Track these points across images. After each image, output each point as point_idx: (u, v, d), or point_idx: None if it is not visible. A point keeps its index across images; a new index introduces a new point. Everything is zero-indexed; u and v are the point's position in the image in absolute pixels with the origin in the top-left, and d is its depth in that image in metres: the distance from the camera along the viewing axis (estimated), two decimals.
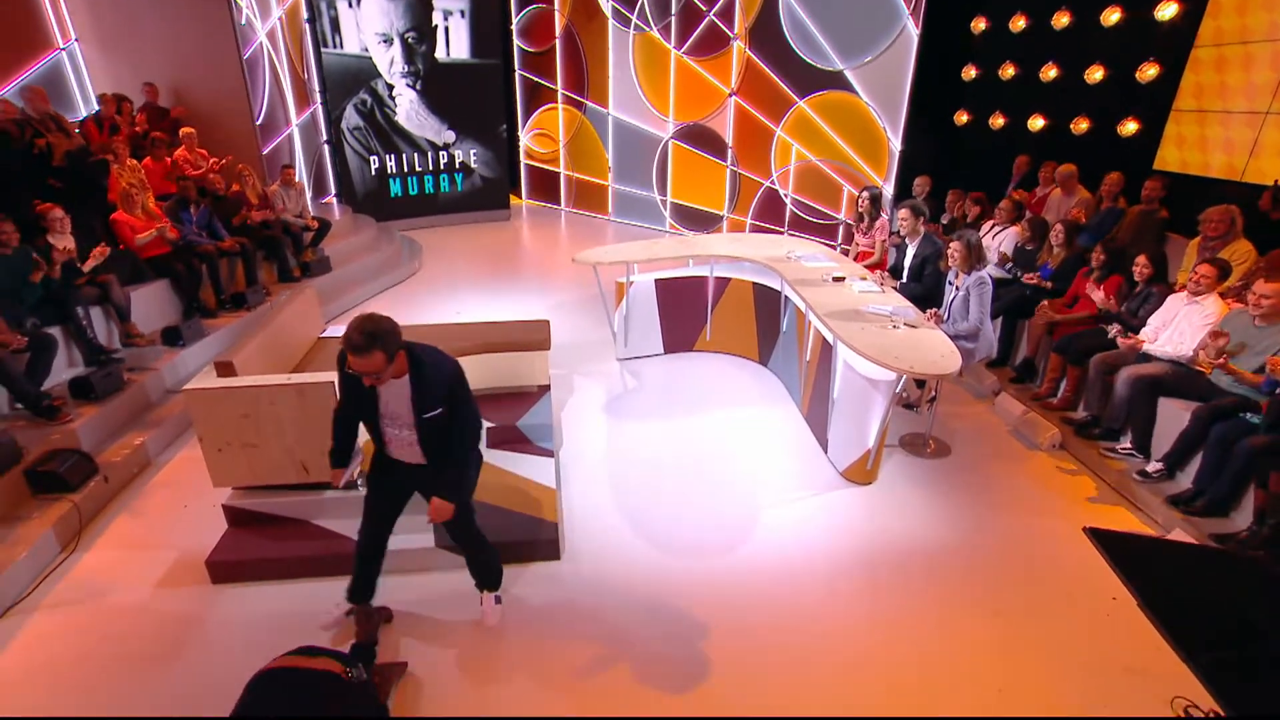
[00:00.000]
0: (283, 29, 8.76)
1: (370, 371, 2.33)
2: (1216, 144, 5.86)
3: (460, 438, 2.66)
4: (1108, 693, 2.75)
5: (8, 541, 3.36)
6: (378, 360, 2.30)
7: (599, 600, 3.21)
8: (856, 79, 7.85)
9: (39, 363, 4.30)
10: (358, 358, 2.29)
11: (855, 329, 3.85)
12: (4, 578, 3.17)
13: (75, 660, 2.91)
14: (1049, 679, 2.81)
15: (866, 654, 2.93)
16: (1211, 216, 4.56)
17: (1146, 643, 2.99)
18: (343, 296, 7.16)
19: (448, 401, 2.56)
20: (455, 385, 2.57)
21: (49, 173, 5.25)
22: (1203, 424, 3.74)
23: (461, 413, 2.62)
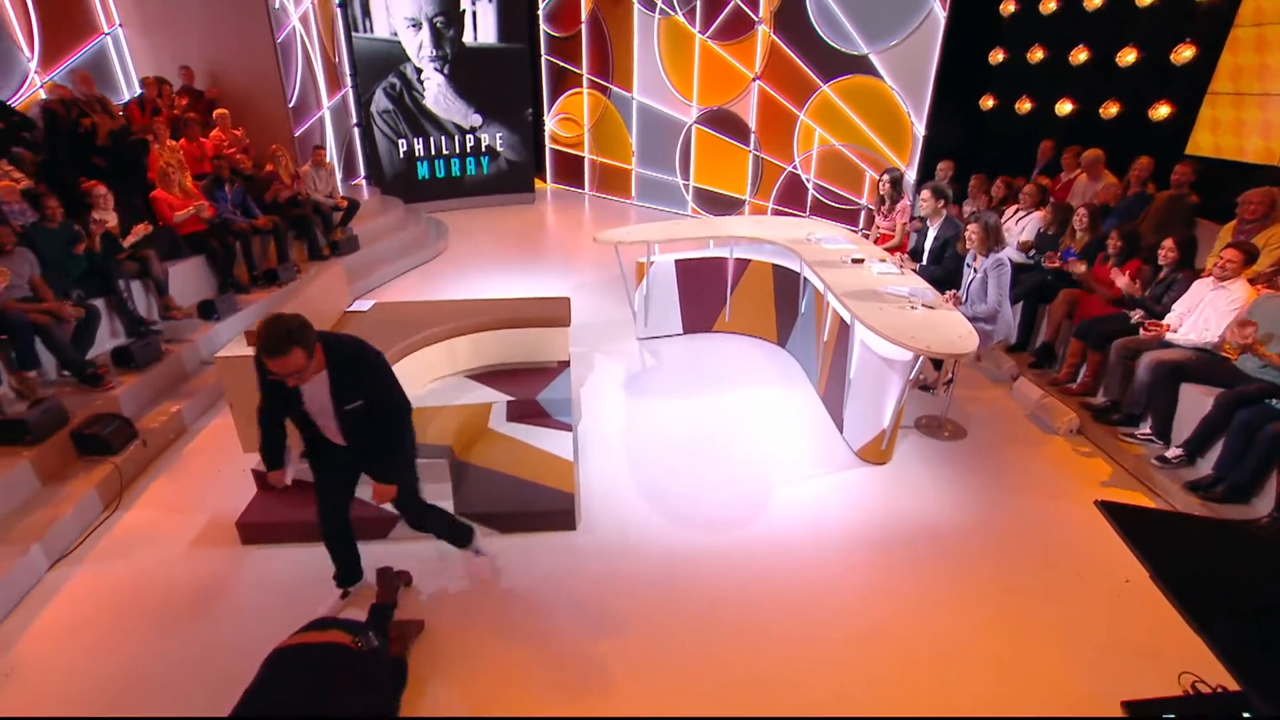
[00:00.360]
0: (315, 13, 8.81)
1: (292, 372, 2.23)
2: (1253, 127, 5.63)
3: (383, 424, 2.58)
4: (1118, 674, 2.71)
5: (56, 498, 3.50)
6: (298, 359, 2.21)
7: (612, 570, 3.24)
8: (881, 63, 7.68)
9: (84, 333, 4.44)
10: (277, 360, 2.18)
11: (873, 309, 3.79)
12: (53, 532, 3.30)
13: (115, 611, 3.02)
14: (1059, 658, 2.78)
15: (877, 628, 2.92)
16: (1251, 199, 4.39)
17: (1158, 626, 2.94)
18: (370, 275, 7.25)
19: (368, 392, 2.50)
20: (376, 375, 2.51)
21: (93, 151, 5.38)
22: (1226, 410, 3.63)
23: (382, 400, 2.55)
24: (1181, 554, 1.69)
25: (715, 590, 3.11)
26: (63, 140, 5.41)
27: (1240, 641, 1.43)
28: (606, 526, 3.53)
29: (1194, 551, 1.75)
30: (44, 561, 3.23)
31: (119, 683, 2.67)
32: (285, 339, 2.17)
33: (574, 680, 2.66)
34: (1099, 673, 2.71)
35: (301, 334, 2.22)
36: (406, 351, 4.07)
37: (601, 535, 3.47)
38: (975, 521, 3.60)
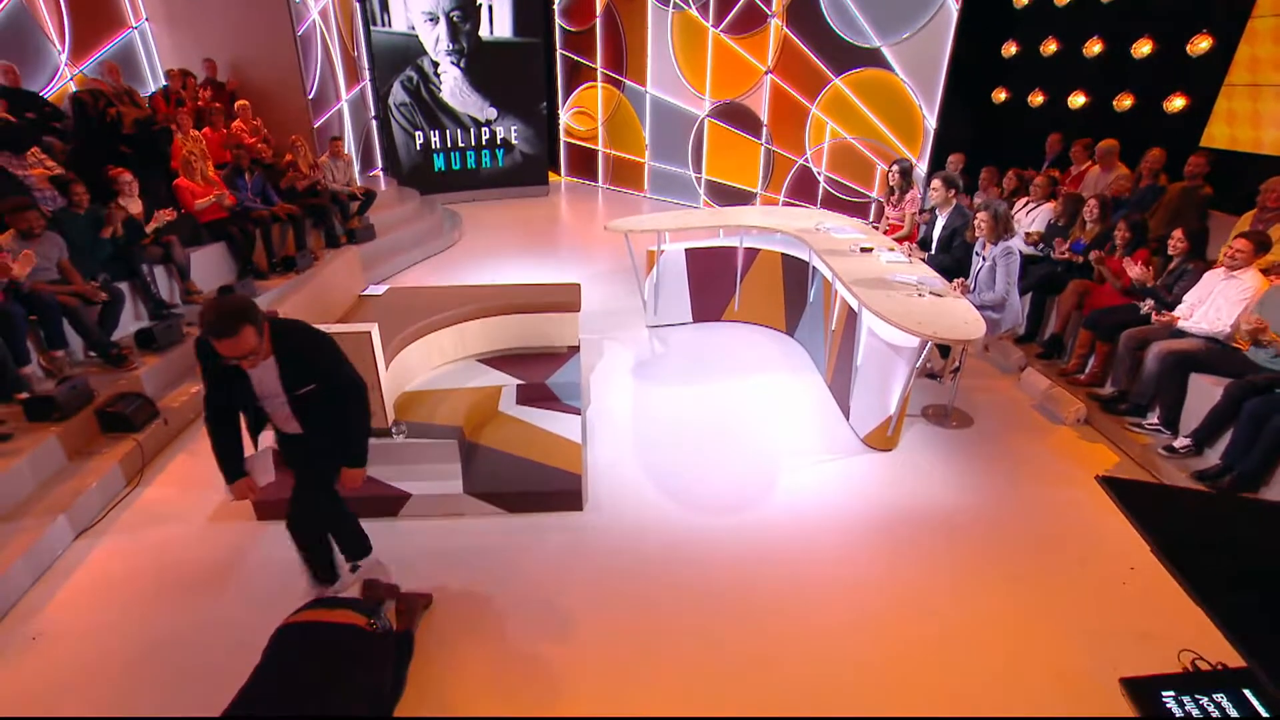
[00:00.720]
0: (335, 7, 8.86)
1: (245, 353, 2.09)
2: (1271, 119, 5.50)
3: (342, 405, 2.46)
4: (1118, 657, 2.68)
5: (81, 472, 3.56)
6: (249, 338, 2.07)
7: (618, 549, 3.24)
8: (893, 56, 7.58)
9: (109, 315, 4.51)
10: (228, 342, 2.04)
11: (880, 296, 3.76)
12: (78, 504, 3.36)
13: (136, 581, 3.07)
14: (1061, 642, 2.75)
15: (882, 611, 2.90)
16: (1274, 186, 4.30)
17: (1162, 609, 2.90)
18: (386, 263, 7.30)
19: (321, 374, 2.38)
20: (326, 356, 2.40)
21: (119, 140, 5.44)
22: (1235, 399, 3.56)
23: (337, 380, 2.42)
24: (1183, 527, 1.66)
25: (720, 571, 3.11)
26: (91, 129, 5.48)
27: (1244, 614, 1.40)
28: (613, 507, 3.53)
29: (1196, 524, 1.72)
30: (70, 532, 3.29)
31: (138, 648, 2.72)
32: (236, 317, 2.05)
33: (578, 657, 2.67)
34: (1100, 654, 2.68)
35: (251, 312, 2.11)
36: (419, 334, 4.09)
37: (608, 515, 3.47)
38: (980, 508, 3.56)
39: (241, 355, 2.10)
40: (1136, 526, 1.66)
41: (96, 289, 4.38)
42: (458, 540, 3.29)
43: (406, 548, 3.25)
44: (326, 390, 2.40)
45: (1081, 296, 4.78)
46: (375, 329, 3.32)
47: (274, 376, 2.33)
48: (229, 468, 2.51)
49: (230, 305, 2.09)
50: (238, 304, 2.11)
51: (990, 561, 3.19)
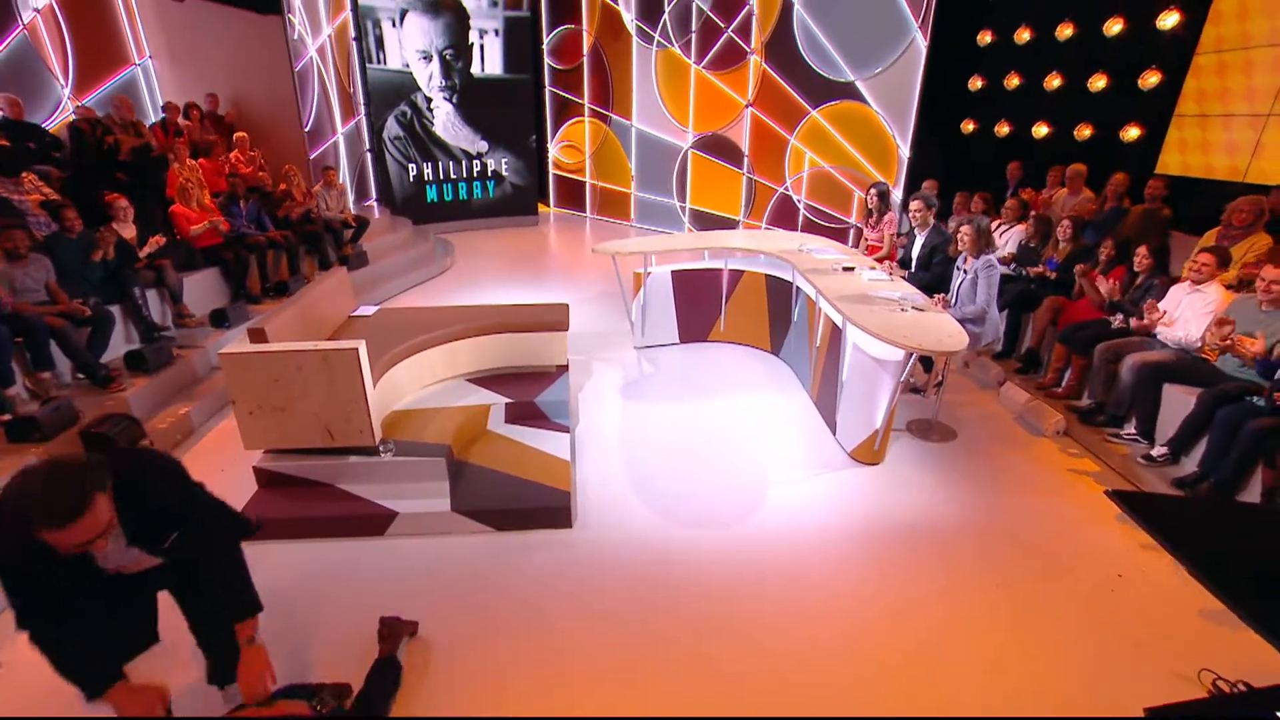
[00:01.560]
0: (332, 45, 8.87)
1: (96, 534, 1.50)
2: (1219, 147, 5.61)
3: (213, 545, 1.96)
4: (1118, 666, 2.56)
5: None
6: (102, 511, 1.50)
7: (608, 566, 3.10)
8: (867, 89, 7.69)
9: (99, 337, 4.35)
10: (75, 526, 1.44)
11: (864, 311, 3.70)
12: None
13: None
14: (1054, 653, 2.63)
15: (872, 624, 2.78)
16: (1241, 206, 4.33)
17: (1152, 616, 2.80)
18: (378, 288, 7.16)
19: (181, 515, 1.82)
20: (181, 491, 1.88)
21: (116, 167, 5.33)
22: (1208, 408, 3.52)
23: (202, 516, 1.93)
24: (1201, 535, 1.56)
25: (709, 587, 2.97)
26: (88, 156, 5.37)
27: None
28: (602, 524, 3.39)
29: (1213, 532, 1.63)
30: None
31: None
32: (81, 486, 1.45)
33: (571, 676, 2.51)
34: (1096, 664, 2.57)
35: (95, 472, 1.51)
36: (408, 353, 3.97)
37: (597, 532, 3.33)
38: (967, 519, 3.46)
39: (93, 537, 1.48)
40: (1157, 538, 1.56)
41: (81, 305, 4.21)
42: (446, 559, 3.13)
43: (393, 567, 3.09)
44: (191, 530, 1.85)
45: (1056, 312, 4.77)
46: (362, 346, 3.20)
47: (124, 547, 1.70)
48: (95, 683, 1.72)
49: (69, 473, 1.46)
50: (76, 468, 1.48)
51: (980, 572, 3.08)
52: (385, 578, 3.04)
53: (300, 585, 2.94)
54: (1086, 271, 4.60)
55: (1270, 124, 5.19)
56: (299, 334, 3.57)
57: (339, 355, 3.14)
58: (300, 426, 3.29)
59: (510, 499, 3.37)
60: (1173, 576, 3.04)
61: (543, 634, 2.70)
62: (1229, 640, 2.69)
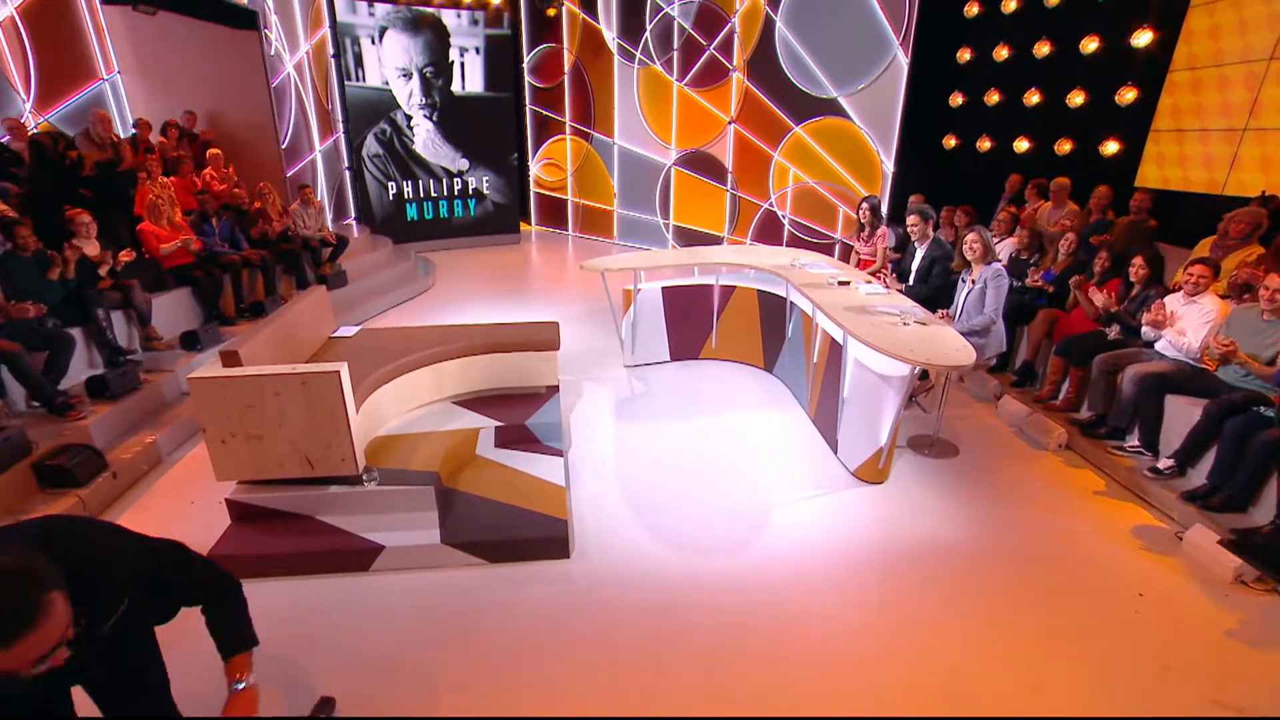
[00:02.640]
0: (310, 62, 8.67)
1: (56, 643, 1.23)
2: (1196, 160, 5.68)
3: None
4: (1149, 691, 2.43)
5: None
6: (60, 616, 1.22)
7: (609, 599, 2.90)
8: (850, 105, 7.71)
9: (56, 361, 4.06)
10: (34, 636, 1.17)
11: (866, 324, 3.59)
12: None
13: None
14: (1081, 677, 2.50)
15: (889, 651, 2.62)
16: (1240, 217, 4.34)
17: (1176, 639, 2.69)
18: (358, 308, 6.92)
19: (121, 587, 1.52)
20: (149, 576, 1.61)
21: (79, 182, 5.05)
22: (1215, 420, 3.45)
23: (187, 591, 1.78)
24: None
25: (718, 618, 2.78)
26: (49, 172, 5.08)
27: None
28: (601, 553, 3.19)
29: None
30: None
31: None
32: (33, 593, 1.19)
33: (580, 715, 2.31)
34: (1127, 692, 2.43)
35: (48, 576, 1.22)
36: (393, 375, 3.76)
37: (596, 563, 3.13)
38: (980, 539, 3.33)
39: (54, 645, 1.22)
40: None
41: (27, 308, 3.92)
42: (436, 595, 2.90)
43: (380, 605, 2.85)
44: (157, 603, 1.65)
45: (1051, 324, 4.72)
46: (344, 369, 2.99)
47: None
48: None
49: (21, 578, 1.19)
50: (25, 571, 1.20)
51: (999, 595, 2.94)
52: (372, 617, 2.80)
53: (283, 627, 2.69)
54: (1081, 284, 4.57)
55: (1246, 138, 5.25)
56: (275, 356, 3.34)
57: (319, 379, 2.92)
58: (277, 455, 3.05)
59: (503, 529, 3.16)
60: (1193, 596, 2.94)
61: (543, 673, 2.49)
62: (1258, 661, 2.58)
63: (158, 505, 3.61)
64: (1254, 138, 5.20)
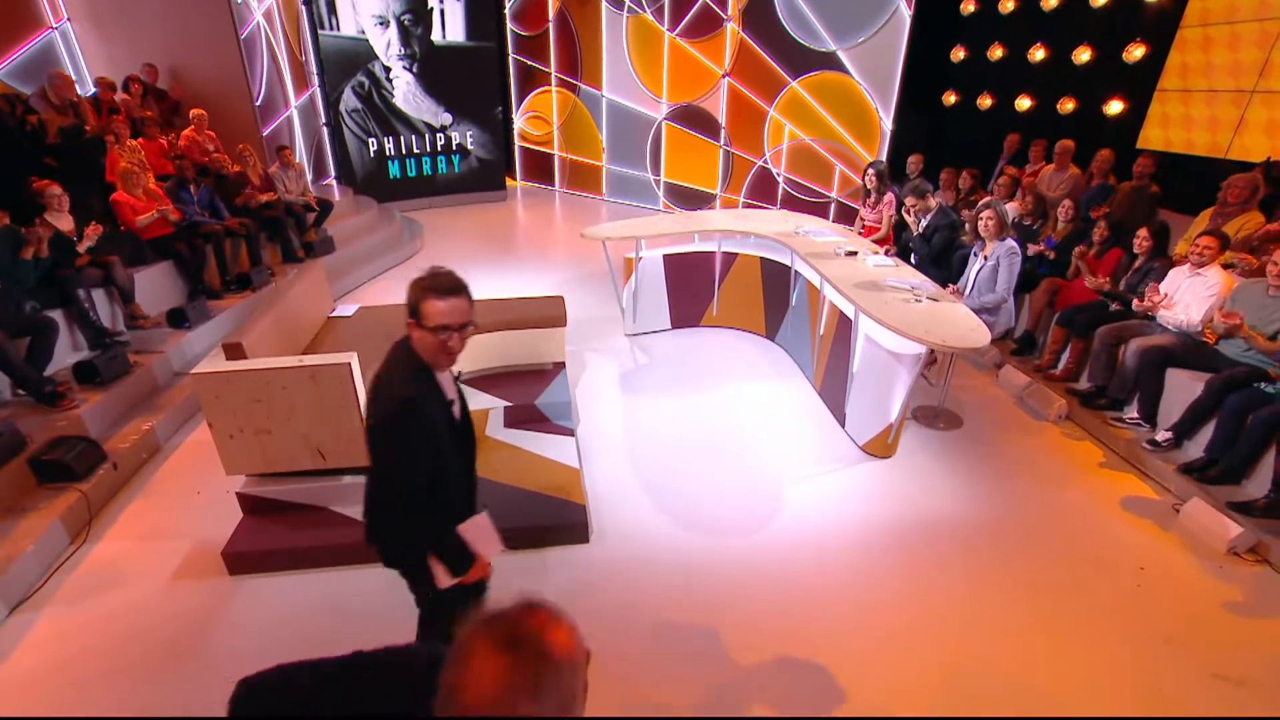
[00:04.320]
0: (279, 10, 8.08)
1: (466, 319, 1.60)
2: (1201, 122, 5.60)
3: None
4: (1153, 666, 2.53)
5: (14, 534, 2.98)
6: (469, 307, 1.62)
7: (633, 583, 2.92)
8: (849, 59, 7.43)
9: (40, 347, 3.86)
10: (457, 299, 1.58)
11: (879, 302, 3.54)
12: (11, 573, 2.80)
13: (89, 659, 2.56)
14: (1094, 652, 2.59)
15: (910, 628, 2.68)
16: (1236, 183, 4.31)
17: (1179, 613, 2.79)
18: (346, 276, 6.69)
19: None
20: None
21: (43, 151, 4.71)
22: (1216, 394, 3.50)
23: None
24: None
25: (741, 599, 2.82)
26: (8, 140, 4.71)
27: None
28: (620, 537, 3.20)
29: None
30: (1, 608, 2.73)
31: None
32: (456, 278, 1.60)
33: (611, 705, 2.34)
34: (1133, 668, 2.53)
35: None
36: None
37: (616, 546, 3.14)
38: (987, 513, 3.40)
39: (465, 322, 1.60)
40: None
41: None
42: None
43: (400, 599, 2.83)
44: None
45: (1053, 294, 4.71)
46: (355, 360, 2.88)
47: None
48: (460, 559, 1.75)
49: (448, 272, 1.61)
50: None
51: (1009, 570, 3.01)
52: (393, 610, 2.78)
53: (300, 624, 2.68)
54: (1084, 254, 4.55)
55: (1255, 100, 5.17)
56: (278, 344, 3.21)
57: (329, 371, 2.82)
58: (287, 448, 2.97)
59: (522, 515, 3.14)
60: (1190, 568, 3.04)
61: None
62: (1254, 633, 2.69)
63: (163, 497, 3.52)
64: (1262, 100, 5.11)
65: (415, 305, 1.60)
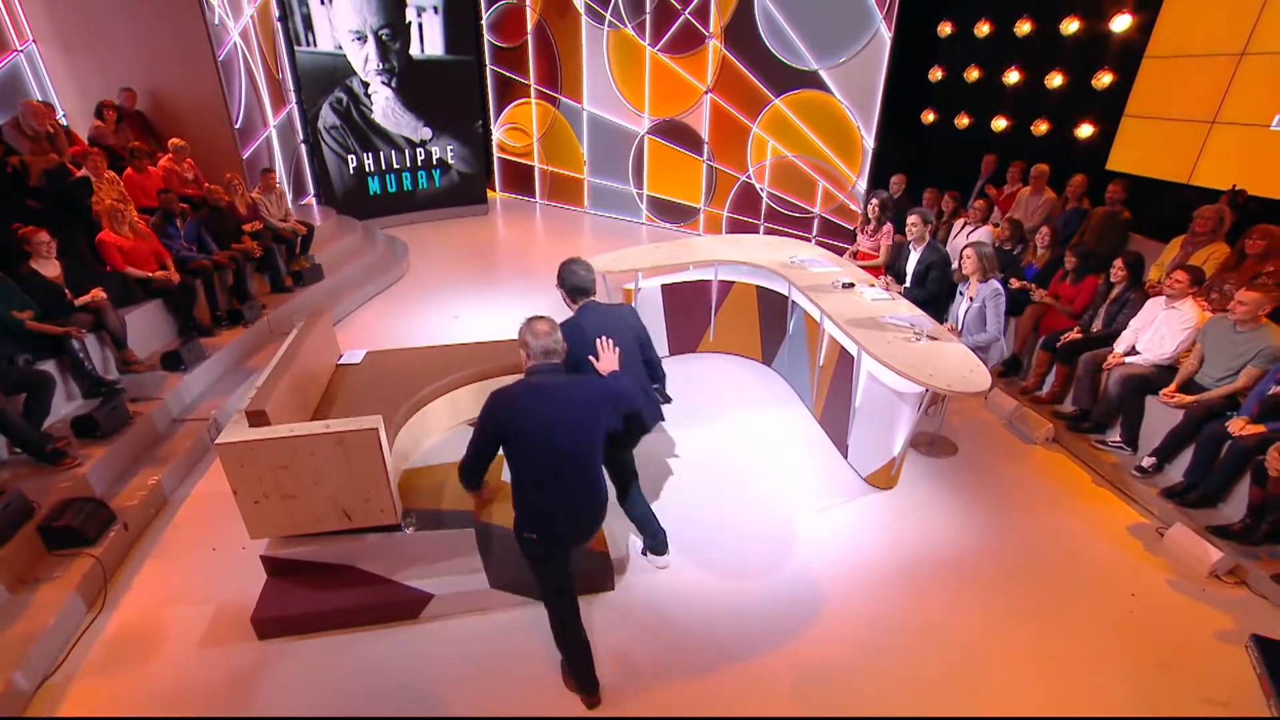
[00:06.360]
0: (255, 28, 7.88)
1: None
2: (1165, 149, 5.87)
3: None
4: (1150, 692, 2.72)
5: (32, 607, 2.93)
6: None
7: (658, 632, 3.01)
8: (831, 79, 7.59)
9: (36, 403, 3.78)
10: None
11: (881, 341, 3.67)
12: (36, 649, 2.75)
13: None
14: (1096, 680, 2.77)
15: (926, 660, 2.83)
16: (1204, 213, 4.58)
17: (1170, 639, 2.99)
18: (337, 304, 6.60)
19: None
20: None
21: (25, 193, 4.56)
22: (1194, 422, 3.74)
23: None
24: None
25: (763, 643, 2.93)
26: None
27: None
28: (642, 583, 3.29)
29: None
30: (28, 687, 2.69)
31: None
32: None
33: None
34: (1130, 694, 2.72)
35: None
36: (414, 410, 3.65)
37: (640, 593, 3.22)
38: (987, 543, 3.57)
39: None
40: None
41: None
42: (488, 640, 2.95)
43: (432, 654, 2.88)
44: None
45: (1038, 319, 4.93)
46: (380, 424, 2.90)
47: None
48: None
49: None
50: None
51: (1013, 600, 3.19)
52: (428, 666, 2.84)
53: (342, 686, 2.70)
54: (1054, 295, 4.81)
55: (1215, 130, 5.45)
56: (298, 406, 3.20)
57: (357, 436, 2.83)
58: (313, 511, 2.97)
59: None
60: (1177, 592, 3.26)
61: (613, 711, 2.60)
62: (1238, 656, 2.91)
63: (178, 557, 3.48)
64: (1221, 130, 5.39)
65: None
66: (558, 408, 2.24)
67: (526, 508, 2.35)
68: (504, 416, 2.25)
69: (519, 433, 2.23)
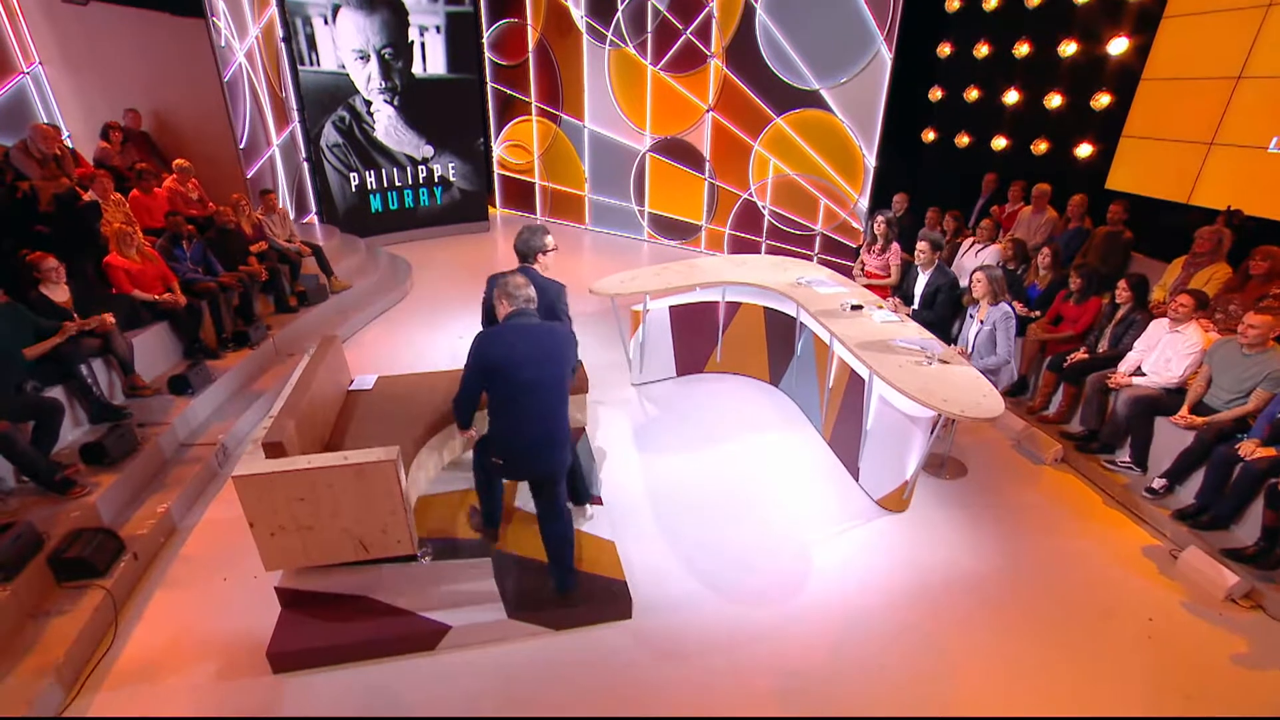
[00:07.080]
0: (260, 48, 7.93)
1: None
2: (1164, 169, 5.95)
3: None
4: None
5: (44, 642, 2.89)
6: None
7: (678, 662, 2.99)
8: (832, 98, 7.68)
9: (45, 431, 3.75)
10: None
11: (893, 365, 3.69)
12: (46, 685, 2.72)
13: None
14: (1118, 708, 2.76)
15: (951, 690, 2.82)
16: (1203, 234, 4.64)
17: (1192, 665, 2.99)
18: (343, 324, 6.59)
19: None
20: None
21: (34, 218, 4.55)
22: (1206, 444, 3.77)
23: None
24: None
25: (787, 673, 2.92)
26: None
27: None
28: (659, 610, 3.27)
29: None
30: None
31: None
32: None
33: None
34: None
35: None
36: (427, 436, 3.65)
37: (657, 621, 3.21)
38: (1002, 566, 3.58)
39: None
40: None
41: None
42: (507, 671, 2.93)
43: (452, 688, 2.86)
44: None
45: (1044, 340, 4.96)
46: (398, 454, 2.89)
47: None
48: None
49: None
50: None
51: (1030, 624, 3.19)
52: (448, 698, 2.81)
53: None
54: (1050, 330, 4.86)
55: (1213, 151, 5.53)
56: (312, 436, 3.19)
57: (375, 469, 2.82)
58: (329, 542, 2.95)
59: (565, 595, 3.18)
60: (1194, 617, 3.27)
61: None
62: (1259, 682, 2.91)
63: (188, 587, 3.44)
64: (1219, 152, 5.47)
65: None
66: (532, 342, 2.70)
67: (497, 433, 2.83)
68: (489, 348, 2.68)
69: (499, 360, 2.66)
